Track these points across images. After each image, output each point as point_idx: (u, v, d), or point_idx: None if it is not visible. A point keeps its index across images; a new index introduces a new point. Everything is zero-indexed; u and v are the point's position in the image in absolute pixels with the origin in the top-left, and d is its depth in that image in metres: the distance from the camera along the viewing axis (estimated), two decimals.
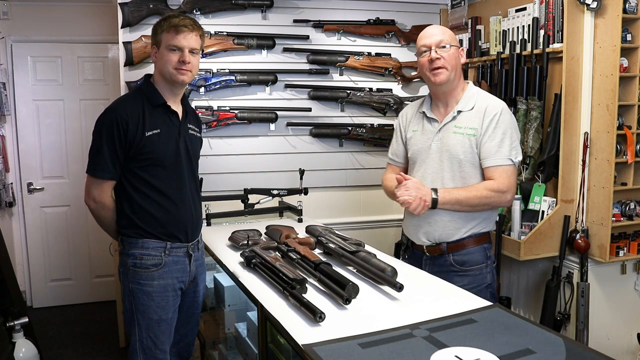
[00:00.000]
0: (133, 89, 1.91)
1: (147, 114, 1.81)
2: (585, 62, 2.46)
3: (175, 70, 1.80)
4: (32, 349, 2.63)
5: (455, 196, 1.88)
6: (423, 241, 2.01)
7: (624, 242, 2.53)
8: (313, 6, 3.03)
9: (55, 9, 3.79)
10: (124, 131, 1.76)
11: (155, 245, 1.84)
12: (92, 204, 1.85)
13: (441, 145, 1.96)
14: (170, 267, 1.86)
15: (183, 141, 1.89)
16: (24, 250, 3.93)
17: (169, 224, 1.86)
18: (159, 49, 1.82)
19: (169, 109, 1.87)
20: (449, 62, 1.90)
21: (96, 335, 3.52)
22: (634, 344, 2.64)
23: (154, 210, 1.83)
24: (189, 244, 1.92)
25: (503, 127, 1.89)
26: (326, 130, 3.06)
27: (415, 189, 1.88)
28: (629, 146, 2.45)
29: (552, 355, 1.15)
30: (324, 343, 1.21)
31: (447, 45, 1.91)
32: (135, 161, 1.80)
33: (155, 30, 1.84)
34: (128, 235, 1.85)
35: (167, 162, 1.84)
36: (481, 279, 1.95)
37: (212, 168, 2.91)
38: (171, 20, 1.80)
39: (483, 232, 1.98)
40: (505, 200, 1.91)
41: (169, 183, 1.85)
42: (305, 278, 1.56)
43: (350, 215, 3.20)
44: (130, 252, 1.84)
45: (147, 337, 1.85)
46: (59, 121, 3.92)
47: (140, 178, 1.82)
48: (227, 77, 2.87)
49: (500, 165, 1.88)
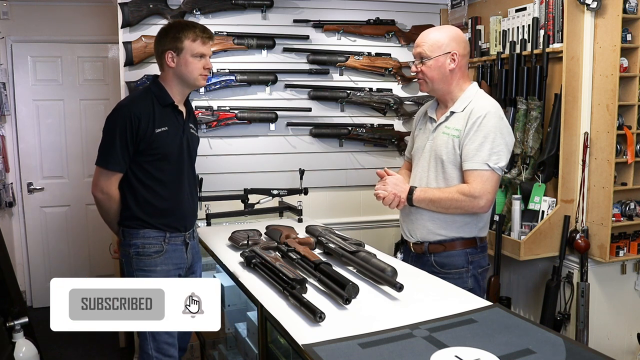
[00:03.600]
0: (141, 89, 2.06)
1: (157, 112, 1.93)
2: (585, 62, 2.46)
3: (201, 76, 1.98)
4: (32, 349, 2.63)
5: (429, 196, 1.91)
6: (409, 238, 2.04)
7: (624, 242, 2.54)
8: (313, 6, 3.03)
9: (55, 9, 3.79)
10: (136, 126, 1.87)
11: (156, 234, 1.97)
12: (99, 195, 1.94)
13: (432, 145, 1.98)
14: (170, 254, 1.99)
15: (186, 139, 2.03)
16: (24, 250, 3.92)
17: (169, 215, 1.99)
18: (178, 55, 1.93)
19: (176, 108, 2.00)
20: (426, 75, 1.93)
21: (96, 335, 3.52)
22: (634, 344, 2.64)
23: (157, 201, 1.96)
24: (186, 233, 2.05)
25: (485, 131, 1.84)
26: (326, 130, 3.06)
27: (393, 185, 1.95)
28: (629, 146, 2.45)
29: (552, 355, 1.15)
30: (324, 343, 1.21)
31: (427, 58, 1.91)
32: (144, 155, 1.92)
33: (175, 37, 1.93)
34: (129, 226, 1.97)
35: (172, 158, 1.97)
36: (461, 283, 1.88)
37: (212, 168, 2.91)
38: (196, 31, 1.94)
39: (467, 237, 1.95)
40: (477, 205, 1.85)
41: (171, 177, 1.99)
42: (305, 278, 1.56)
43: (350, 215, 3.20)
44: (132, 242, 1.96)
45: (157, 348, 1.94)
46: (59, 121, 3.91)
47: (146, 171, 1.94)
48: (227, 77, 2.87)
49: (476, 169, 1.84)
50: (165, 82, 1.99)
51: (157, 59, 2.01)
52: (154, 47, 2.02)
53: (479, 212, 1.92)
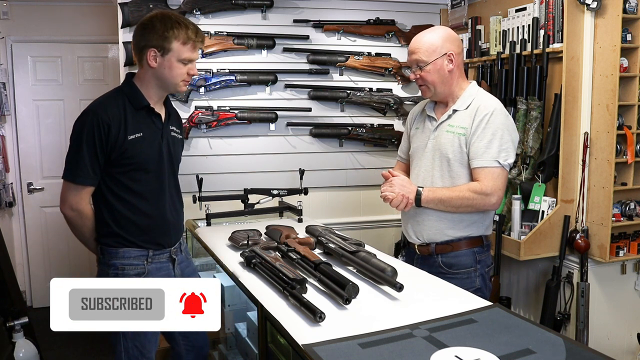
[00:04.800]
0: (112, 90, 1.84)
1: (129, 116, 1.73)
2: (585, 62, 2.46)
3: (183, 82, 1.79)
4: (32, 349, 2.63)
5: (438, 195, 1.88)
6: (414, 239, 2.02)
7: (624, 242, 2.54)
8: (313, 6, 3.03)
9: (55, 9, 3.79)
10: (105, 134, 1.68)
11: (137, 254, 1.79)
12: (69, 213, 1.75)
13: (435, 144, 1.96)
14: (153, 274, 1.81)
15: (166, 144, 1.84)
16: (24, 250, 3.93)
17: (151, 230, 1.80)
18: (164, 55, 1.73)
19: (153, 111, 1.80)
20: (427, 80, 1.91)
21: (96, 335, 3.52)
22: (634, 344, 2.64)
23: (135, 217, 1.77)
24: (171, 249, 1.88)
25: (493, 128, 1.85)
26: (326, 130, 3.06)
27: (400, 186, 1.90)
28: (629, 146, 2.45)
29: (552, 355, 1.15)
30: (324, 343, 1.21)
31: (424, 64, 1.89)
32: (117, 166, 1.73)
33: (163, 35, 1.71)
34: (108, 244, 1.79)
35: (149, 167, 1.78)
36: (469, 283, 1.91)
37: (212, 168, 2.91)
38: (188, 32, 1.73)
39: (474, 235, 1.95)
40: (489, 203, 1.85)
41: (150, 188, 1.79)
42: (305, 278, 1.56)
43: (350, 215, 3.20)
44: (111, 263, 1.78)
45: (134, 346, 1.80)
46: (59, 121, 3.92)
47: (121, 183, 1.75)
48: (227, 77, 2.87)
49: (486, 166, 1.84)
50: (142, 81, 1.78)
51: (136, 53, 1.77)
52: (134, 39, 1.78)
53: (490, 210, 1.92)
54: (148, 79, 1.78)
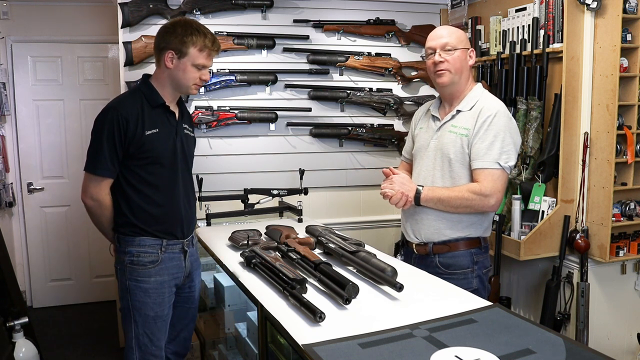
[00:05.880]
0: (130, 89, 1.95)
1: (146, 113, 1.85)
2: (585, 62, 2.46)
3: (194, 86, 1.91)
4: (32, 349, 2.63)
5: (437, 195, 1.89)
6: (412, 238, 2.03)
7: (624, 242, 2.54)
8: (313, 6, 3.03)
9: (55, 9, 3.79)
10: (124, 129, 1.80)
11: (152, 242, 1.88)
12: (89, 202, 1.88)
13: (437, 144, 1.97)
14: (166, 263, 1.91)
15: (179, 141, 1.95)
16: (24, 250, 3.92)
17: (165, 221, 1.90)
18: (180, 58, 1.84)
19: (168, 109, 1.92)
20: (452, 65, 1.91)
21: (96, 335, 3.52)
22: (634, 344, 2.64)
23: (151, 207, 1.88)
24: (184, 240, 1.97)
25: (495, 130, 1.86)
26: (326, 130, 3.06)
27: (400, 183, 1.92)
28: (629, 146, 2.45)
29: (552, 355, 1.15)
30: (324, 343, 1.21)
31: (452, 48, 1.90)
32: (134, 159, 1.84)
33: (182, 40, 1.83)
34: (124, 233, 1.89)
35: (165, 161, 1.89)
36: (466, 284, 1.90)
37: (212, 168, 2.91)
38: (205, 40, 1.85)
39: (472, 237, 1.95)
40: (488, 204, 1.86)
41: (164, 180, 1.90)
42: (305, 278, 1.56)
43: (350, 215, 3.20)
44: (127, 250, 1.88)
45: (144, 333, 1.89)
46: (59, 121, 3.92)
47: (138, 176, 1.86)
48: (227, 77, 2.87)
49: (486, 168, 1.85)
50: (158, 81, 1.90)
51: (156, 53, 1.91)
52: (155, 40, 1.91)
53: (488, 211, 1.93)
54: (164, 79, 1.90)
